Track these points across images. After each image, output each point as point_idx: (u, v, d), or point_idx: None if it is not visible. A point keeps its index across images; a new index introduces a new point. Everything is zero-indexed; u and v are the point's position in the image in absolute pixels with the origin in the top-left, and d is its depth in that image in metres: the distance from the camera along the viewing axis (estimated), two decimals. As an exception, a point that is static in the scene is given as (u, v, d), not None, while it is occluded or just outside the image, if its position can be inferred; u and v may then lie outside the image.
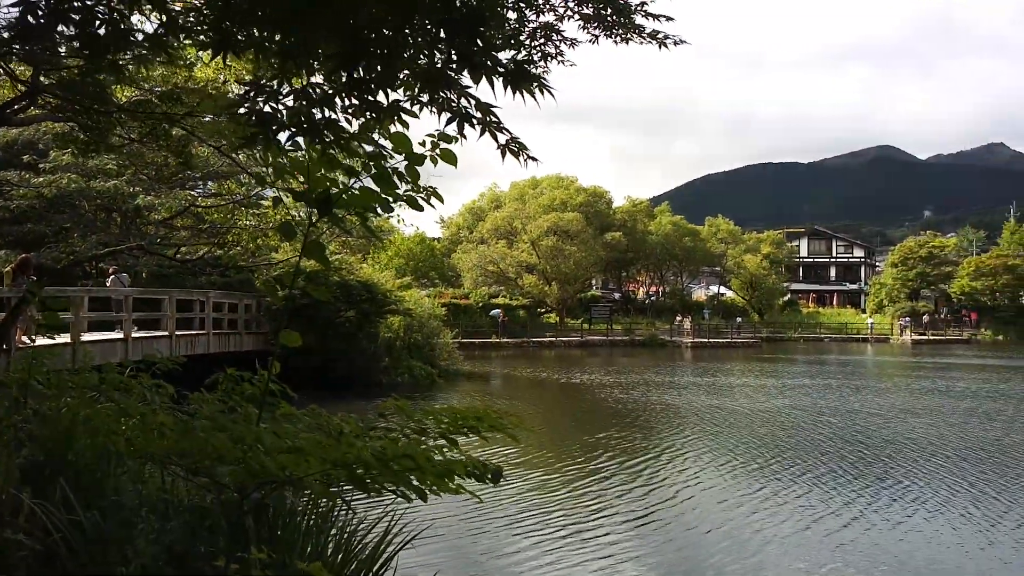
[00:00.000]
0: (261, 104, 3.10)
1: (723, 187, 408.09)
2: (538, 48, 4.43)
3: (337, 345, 20.24)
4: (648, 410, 18.42)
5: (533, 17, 4.19)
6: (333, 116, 3.16)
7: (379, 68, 2.98)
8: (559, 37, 4.36)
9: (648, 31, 4.30)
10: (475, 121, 3.17)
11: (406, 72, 3.08)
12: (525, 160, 3.35)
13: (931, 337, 58.68)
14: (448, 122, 3.20)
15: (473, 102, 3.15)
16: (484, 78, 3.01)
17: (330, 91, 3.04)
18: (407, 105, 3.26)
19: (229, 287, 20.64)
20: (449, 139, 3.54)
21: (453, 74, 3.05)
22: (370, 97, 3.09)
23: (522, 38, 4.31)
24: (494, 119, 3.16)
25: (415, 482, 3.73)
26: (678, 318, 53.29)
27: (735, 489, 10.67)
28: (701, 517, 9.31)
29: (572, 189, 56.83)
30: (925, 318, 63.45)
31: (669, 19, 4.10)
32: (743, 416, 17.59)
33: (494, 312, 44.66)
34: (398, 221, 24.06)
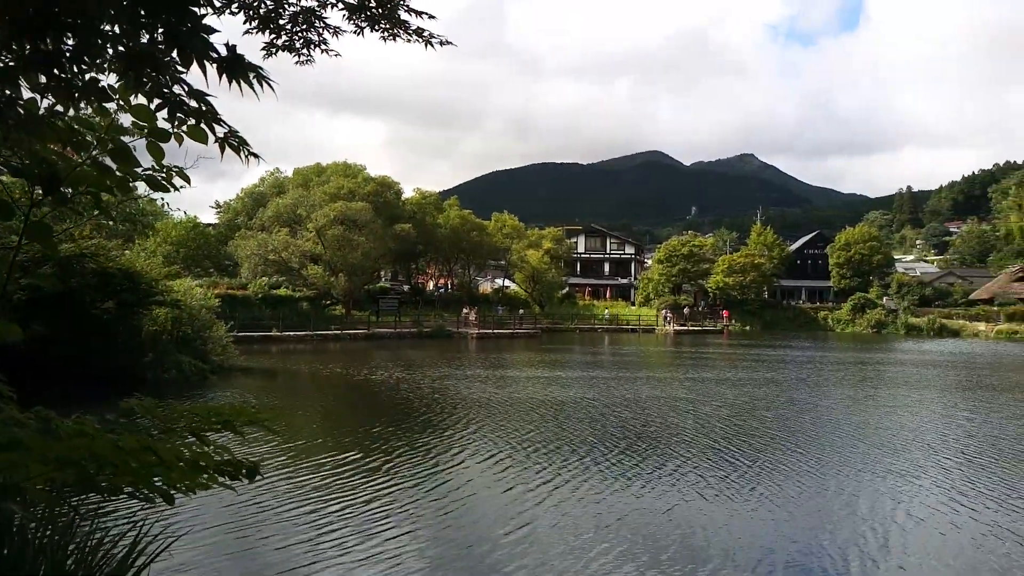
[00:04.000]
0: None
1: (509, 183, 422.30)
2: (300, 34, 4.32)
3: (94, 339, 18.47)
4: (435, 403, 18.52)
5: (293, 0, 4.08)
6: (15, 95, 2.85)
7: (71, 42, 2.72)
8: (322, 24, 4.29)
9: (413, 28, 4.35)
10: (189, 109, 2.99)
11: (111, 51, 2.84)
12: (246, 156, 3.22)
13: (691, 328, 64.68)
14: (158, 108, 3.00)
15: (186, 88, 2.97)
16: (196, 63, 2.85)
17: (11, 64, 2.73)
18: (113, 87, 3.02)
19: (-42, 274, 18.09)
20: (196, 115, 3.33)
21: (162, 56, 2.85)
22: (62, 74, 2.81)
23: (281, 22, 4.19)
24: (210, 108, 3.01)
25: (160, 482, 3.50)
26: (465, 310, 54.40)
27: (524, 480, 10.87)
28: (486, 509, 9.41)
29: (360, 178, 55.96)
30: (686, 311, 69.83)
31: (431, 17, 4.17)
32: (532, 407, 18.08)
33: None
34: (163, 204, 22.16)
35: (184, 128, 3.09)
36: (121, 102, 3.11)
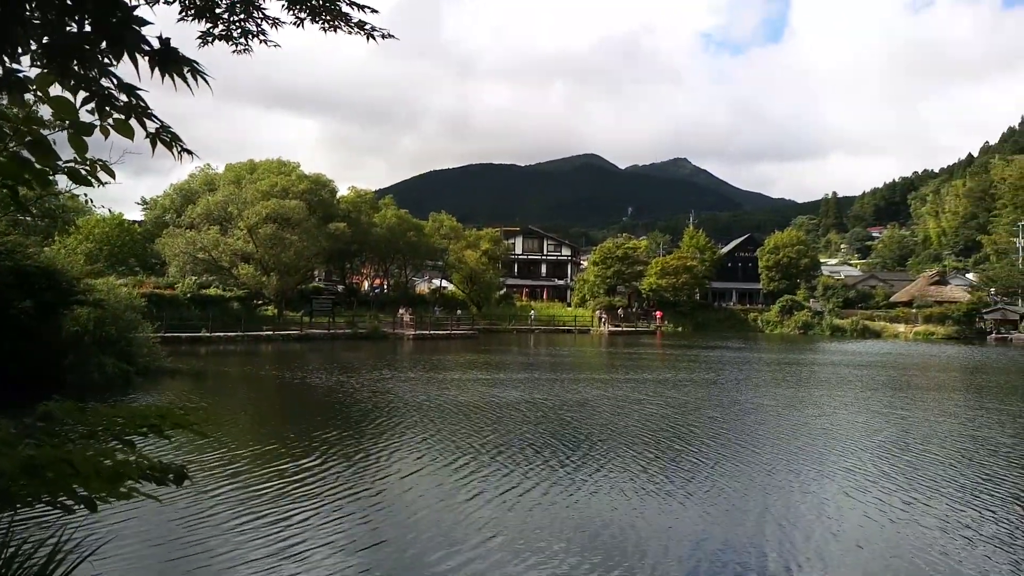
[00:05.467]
0: None
1: (447, 184, 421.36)
2: (237, 24, 4.18)
3: (11, 340, 17.63)
4: (375, 407, 18.08)
5: (231, -11, 3.95)
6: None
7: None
8: (260, 15, 4.16)
9: (355, 21, 4.26)
10: (119, 104, 2.84)
11: (36, 43, 2.68)
12: (179, 152, 3.09)
13: (625, 329, 65.63)
14: (85, 102, 2.85)
15: (116, 82, 2.82)
16: (127, 55, 2.72)
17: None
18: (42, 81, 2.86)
19: None
20: (126, 110, 3.16)
21: (90, 47, 2.71)
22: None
23: (218, 11, 4.05)
24: (141, 103, 2.87)
25: (80, 490, 3.34)
26: (400, 310, 53.94)
27: (471, 485, 10.72)
28: (434, 517, 9.22)
29: (294, 176, 54.98)
30: (621, 312, 70.79)
31: (374, 11, 4.09)
32: (474, 410, 17.86)
33: None
34: (85, 199, 21.17)
35: (110, 121, 2.94)
36: (39, 93, 2.94)
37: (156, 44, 2.81)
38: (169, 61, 2.76)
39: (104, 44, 2.74)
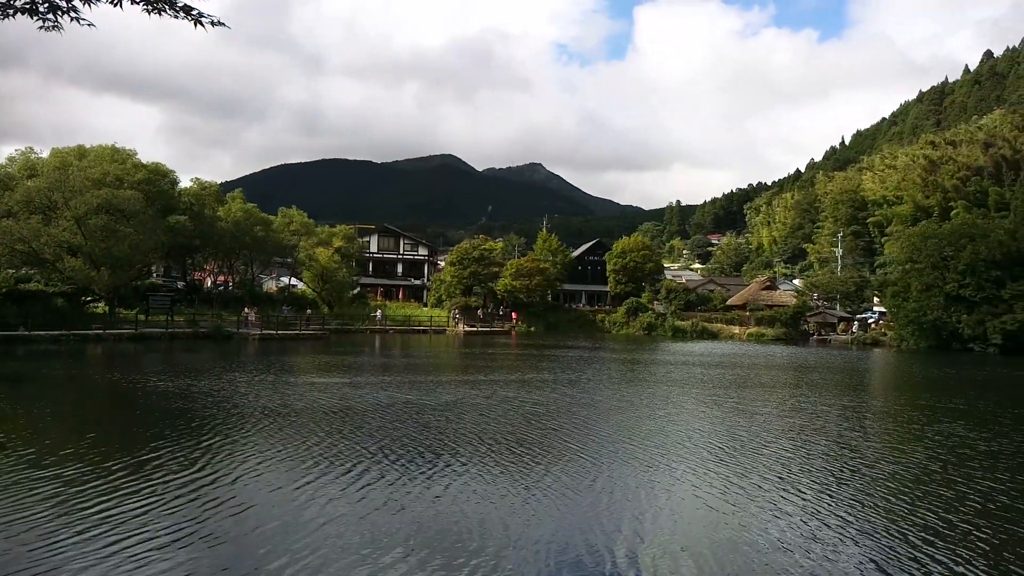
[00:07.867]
0: None
1: (297, 178, 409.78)
2: (42, -3, 3.74)
3: None
4: (228, 413, 16.89)
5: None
6: None
7: None
8: (69, -11, 3.74)
9: (181, 5, 3.91)
10: None
11: None
12: None
13: (480, 329, 66.11)
14: None
15: None
16: None
17: None
18: None
19: None
20: None
21: None
22: None
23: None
24: None
25: None
26: (245, 309, 51.64)
27: (319, 492, 10.27)
28: (274, 526, 8.73)
29: (129, 164, 51.34)
30: (480, 313, 71.27)
31: (200, -6, 3.76)
32: (321, 415, 17.13)
33: None
34: None
35: None
36: None
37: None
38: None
39: None
